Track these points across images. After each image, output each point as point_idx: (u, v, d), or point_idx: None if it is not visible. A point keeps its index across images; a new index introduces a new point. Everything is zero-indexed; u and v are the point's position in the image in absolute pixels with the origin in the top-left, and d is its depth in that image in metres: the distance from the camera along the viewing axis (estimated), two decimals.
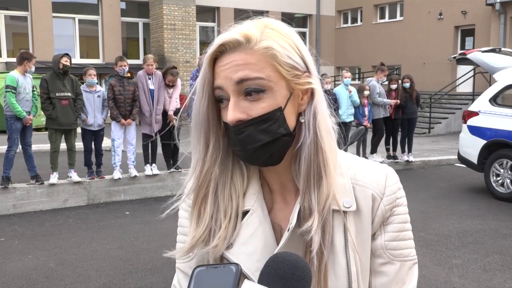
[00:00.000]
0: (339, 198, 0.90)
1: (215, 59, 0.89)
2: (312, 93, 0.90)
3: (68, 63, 6.86)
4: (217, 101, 0.90)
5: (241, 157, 0.91)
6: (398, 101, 9.46)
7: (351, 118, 9.32)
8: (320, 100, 0.90)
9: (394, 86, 9.59)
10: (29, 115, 6.66)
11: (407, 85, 9.53)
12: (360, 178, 0.94)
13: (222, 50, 0.87)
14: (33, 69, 6.74)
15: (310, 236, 0.86)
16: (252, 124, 0.86)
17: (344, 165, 0.95)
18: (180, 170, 7.51)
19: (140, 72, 7.55)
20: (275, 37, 0.87)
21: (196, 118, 0.91)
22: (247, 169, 0.95)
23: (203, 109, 0.90)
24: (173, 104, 7.68)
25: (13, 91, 6.47)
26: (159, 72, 7.63)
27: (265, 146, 0.87)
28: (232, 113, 0.85)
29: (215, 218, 0.92)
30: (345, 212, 0.91)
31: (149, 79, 7.49)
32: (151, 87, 7.47)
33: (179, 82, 7.89)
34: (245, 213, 0.93)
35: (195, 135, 0.93)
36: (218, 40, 0.87)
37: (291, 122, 0.89)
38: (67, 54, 6.98)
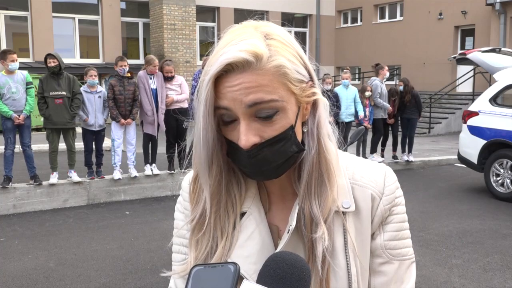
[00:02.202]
0: (338, 199, 0.90)
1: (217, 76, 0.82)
2: (314, 101, 0.89)
3: (53, 64, 6.74)
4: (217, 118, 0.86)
5: (250, 176, 0.89)
6: (391, 108, 9.50)
7: (351, 118, 9.32)
8: (323, 109, 0.89)
9: (394, 99, 9.65)
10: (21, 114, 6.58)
11: (401, 88, 9.62)
12: (359, 178, 0.94)
13: (228, 69, 0.80)
14: (11, 66, 6.50)
15: (314, 244, 0.86)
16: (266, 146, 0.83)
17: (343, 165, 0.95)
18: (183, 170, 7.50)
19: (141, 72, 7.53)
20: (282, 51, 0.82)
21: (203, 143, 0.86)
22: (244, 180, 0.94)
23: (212, 134, 0.84)
24: (181, 97, 7.68)
25: None
26: (159, 72, 7.63)
27: (278, 165, 0.86)
28: (246, 138, 0.81)
29: (212, 235, 0.91)
30: (344, 213, 0.90)
31: (150, 78, 7.48)
32: (153, 86, 7.47)
33: (183, 80, 7.90)
34: (242, 214, 0.92)
35: (201, 159, 0.88)
36: (223, 60, 0.79)
37: (299, 136, 0.87)
38: (50, 55, 6.85)
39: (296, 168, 0.91)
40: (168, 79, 7.66)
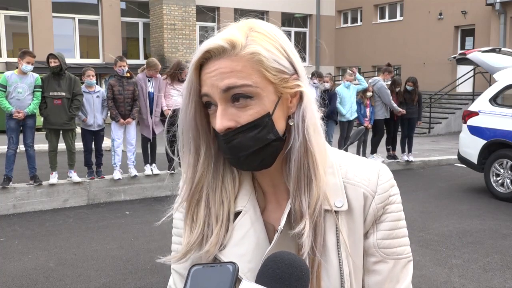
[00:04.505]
0: (330, 197, 0.90)
1: (201, 65, 0.88)
2: (301, 95, 0.90)
3: (54, 64, 6.74)
4: (205, 107, 0.90)
5: (232, 164, 0.91)
6: (404, 111, 9.45)
7: (355, 115, 9.32)
8: (309, 102, 0.90)
9: (397, 89, 9.59)
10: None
11: (410, 88, 9.55)
12: (352, 177, 0.94)
13: (208, 57, 0.86)
14: (25, 67, 6.54)
15: (301, 239, 0.86)
16: (241, 132, 0.85)
17: (336, 163, 0.94)
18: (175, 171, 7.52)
19: (140, 75, 7.51)
20: (260, 41, 0.86)
21: (183, 125, 0.91)
22: (238, 172, 0.95)
23: (190, 115, 0.89)
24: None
25: (1, 89, 6.51)
26: (160, 76, 7.62)
27: (255, 153, 0.87)
28: (220, 121, 0.84)
29: (207, 223, 0.92)
30: (336, 212, 0.90)
31: (149, 81, 7.49)
32: (150, 90, 7.49)
33: None
34: (237, 214, 0.93)
35: (184, 142, 0.92)
36: (202, 47, 0.86)
37: (280, 126, 0.88)
38: (51, 55, 6.86)
39: (287, 164, 0.91)
40: (181, 81, 7.69)
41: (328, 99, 8.72)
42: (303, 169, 0.88)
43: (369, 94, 9.33)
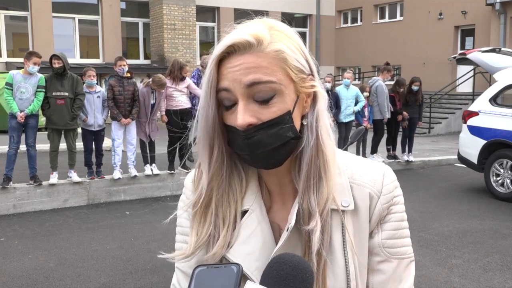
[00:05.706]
0: (337, 197, 0.91)
1: (220, 60, 0.86)
2: (314, 95, 0.91)
3: (57, 65, 6.74)
4: (219, 103, 0.89)
5: (247, 161, 0.91)
6: (407, 114, 9.43)
7: (350, 118, 9.25)
8: (323, 103, 0.91)
9: (401, 90, 9.58)
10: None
11: (416, 88, 9.53)
12: (358, 177, 0.95)
13: (230, 51, 0.85)
14: (31, 68, 6.55)
15: (310, 237, 0.86)
16: (263, 128, 0.85)
17: (342, 164, 0.96)
18: (188, 170, 7.52)
19: (144, 89, 7.49)
20: (283, 40, 0.86)
21: (204, 122, 0.89)
22: (245, 173, 0.95)
23: (212, 112, 0.87)
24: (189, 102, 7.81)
25: (8, 87, 6.52)
26: (163, 91, 7.63)
27: (274, 150, 0.87)
28: (242, 117, 0.83)
29: (214, 224, 0.92)
30: (343, 211, 0.91)
31: (152, 92, 7.50)
32: (152, 101, 7.53)
33: (190, 81, 7.94)
34: (244, 213, 0.93)
35: (202, 139, 0.91)
36: (227, 41, 0.84)
37: (297, 125, 0.89)
38: (54, 55, 6.86)
39: (297, 163, 0.92)
40: (181, 80, 7.70)
41: (335, 101, 8.70)
42: (313, 168, 0.89)
43: (366, 94, 9.32)
